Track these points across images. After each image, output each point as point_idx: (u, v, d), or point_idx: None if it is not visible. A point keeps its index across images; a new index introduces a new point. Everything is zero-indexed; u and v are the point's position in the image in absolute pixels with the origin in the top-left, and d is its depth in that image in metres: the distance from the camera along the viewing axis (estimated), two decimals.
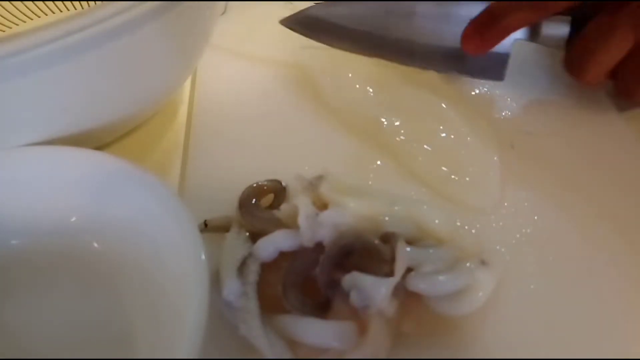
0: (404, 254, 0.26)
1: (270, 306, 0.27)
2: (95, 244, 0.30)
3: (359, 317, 0.26)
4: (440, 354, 0.27)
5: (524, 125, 0.37)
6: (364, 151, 0.36)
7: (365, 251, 0.27)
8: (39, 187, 0.30)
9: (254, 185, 0.32)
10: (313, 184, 0.30)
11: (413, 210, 0.29)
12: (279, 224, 0.29)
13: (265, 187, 0.32)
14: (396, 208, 0.29)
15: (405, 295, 0.26)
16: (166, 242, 0.27)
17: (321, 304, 0.27)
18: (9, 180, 0.29)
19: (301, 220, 0.28)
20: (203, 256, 0.25)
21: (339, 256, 0.27)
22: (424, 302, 0.27)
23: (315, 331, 0.26)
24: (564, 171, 0.35)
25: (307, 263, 0.28)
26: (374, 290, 0.25)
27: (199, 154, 0.36)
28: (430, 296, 0.27)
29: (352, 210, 0.28)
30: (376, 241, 0.27)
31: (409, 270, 0.27)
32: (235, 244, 0.29)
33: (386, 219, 0.29)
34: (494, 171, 0.34)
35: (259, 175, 0.32)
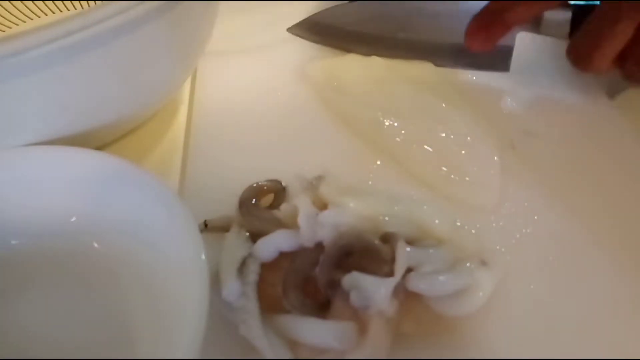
0: (404, 254, 0.27)
1: (270, 306, 0.27)
2: (95, 244, 0.30)
3: (359, 317, 0.26)
4: (440, 354, 0.27)
5: (524, 125, 0.37)
6: (364, 151, 0.36)
7: (365, 251, 0.27)
8: (39, 187, 0.30)
9: (254, 185, 0.32)
10: (313, 184, 0.30)
11: (413, 210, 0.29)
12: (279, 224, 0.29)
13: (265, 187, 0.32)
14: (396, 208, 0.29)
15: (405, 295, 0.27)
16: (166, 242, 0.27)
17: (321, 304, 0.27)
18: (9, 180, 0.29)
19: (301, 220, 0.28)
20: (203, 256, 0.25)
21: (339, 256, 0.27)
22: (424, 302, 0.27)
23: (315, 331, 0.26)
24: (564, 171, 0.35)
25: (307, 263, 0.28)
26: (374, 290, 0.25)
27: (199, 154, 0.36)
28: (430, 296, 0.27)
29: (352, 210, 0.28)
30: (376, 241, 0.27)
31: (409, 270, 0.27)
32: (235, 244, 0.29)
33: (386, 219, 0.29)
34: (494, 171, 0.34)
35: (259, 175, 0.32)
